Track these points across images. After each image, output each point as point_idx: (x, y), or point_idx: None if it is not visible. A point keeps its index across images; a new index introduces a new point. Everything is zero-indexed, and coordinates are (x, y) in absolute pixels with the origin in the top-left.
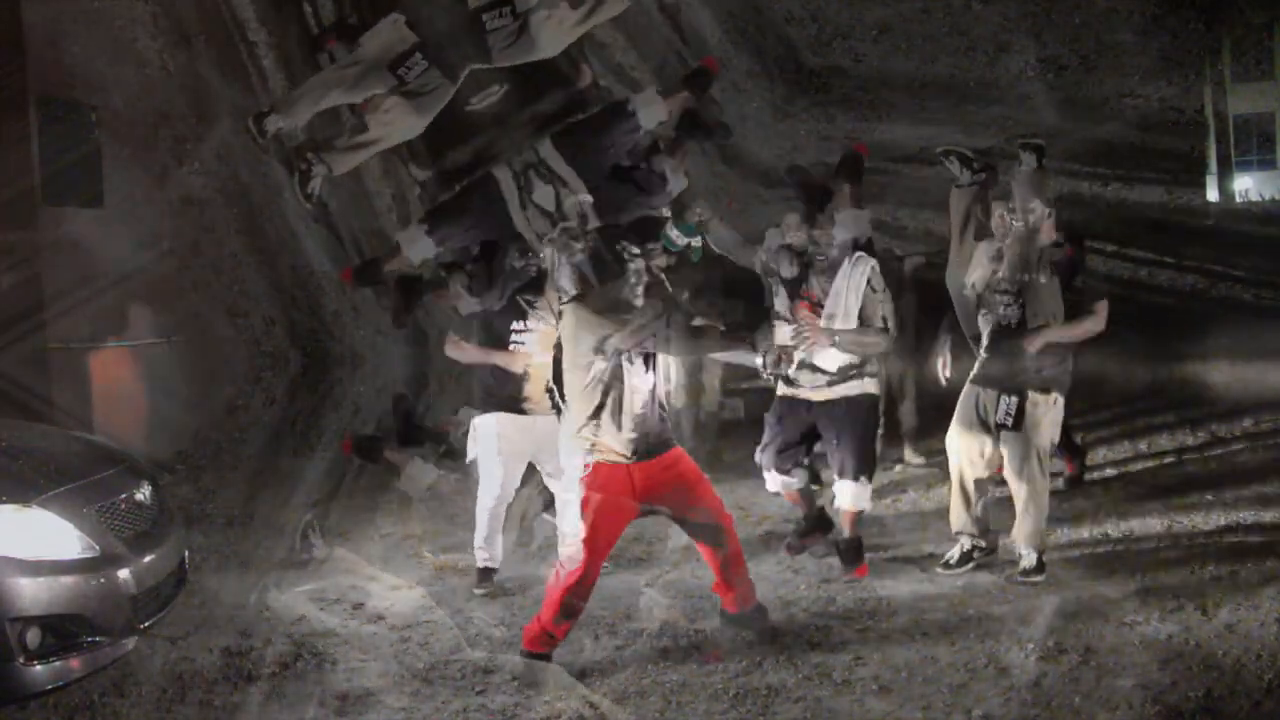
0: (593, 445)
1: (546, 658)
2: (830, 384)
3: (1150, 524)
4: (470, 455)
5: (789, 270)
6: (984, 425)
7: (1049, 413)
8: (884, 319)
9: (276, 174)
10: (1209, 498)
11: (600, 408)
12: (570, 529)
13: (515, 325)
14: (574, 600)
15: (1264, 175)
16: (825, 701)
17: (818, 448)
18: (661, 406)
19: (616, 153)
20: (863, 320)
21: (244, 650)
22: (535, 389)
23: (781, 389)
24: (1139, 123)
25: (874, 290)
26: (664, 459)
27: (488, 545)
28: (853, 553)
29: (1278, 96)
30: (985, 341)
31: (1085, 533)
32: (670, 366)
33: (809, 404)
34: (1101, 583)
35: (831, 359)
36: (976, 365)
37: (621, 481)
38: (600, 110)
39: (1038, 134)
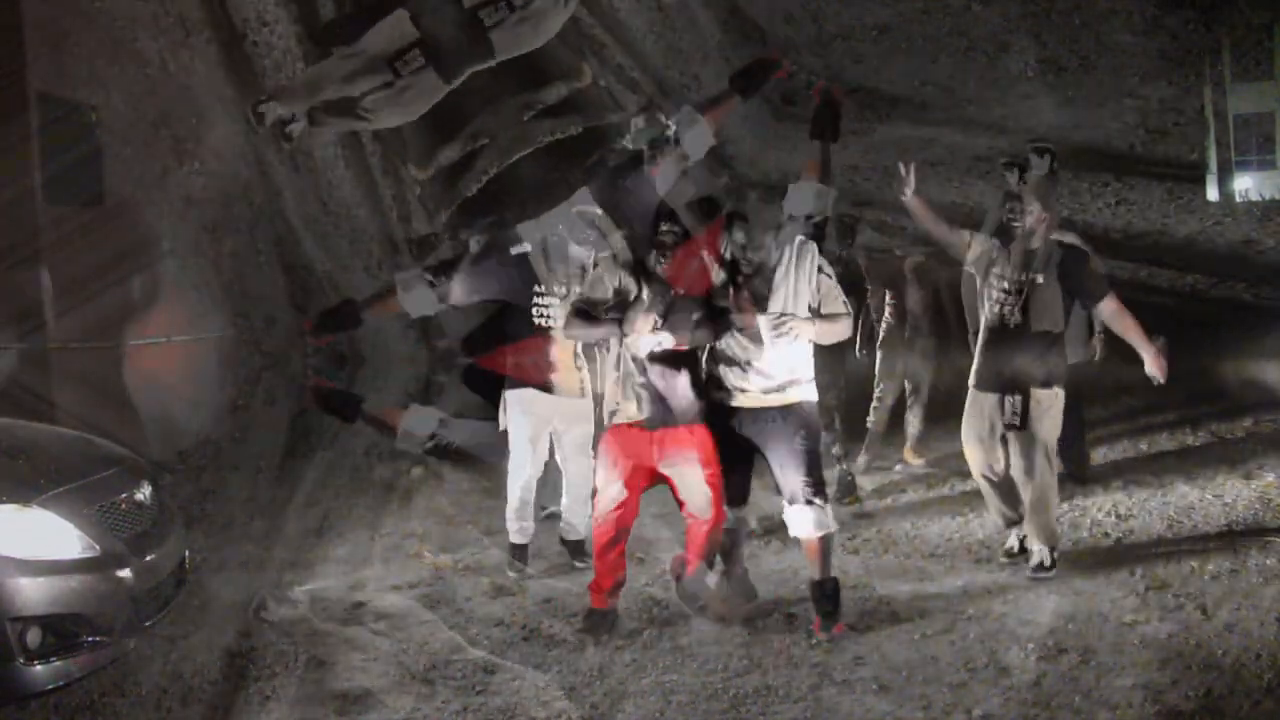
0: (615, 410)
1: (605, 614)
2: (767, 391)
3: (1150, 524)
4: (502, 425)
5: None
6: (992, 430)
7: (1052, 407)
8: (843, 302)
9: (276, 174)
10: (1209, 497)
11: (618, 371)
12: (597, 487)
13: (537, 289)
14: (606, 557)
15: (1264, 175)
16: (825, 701)
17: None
18: (687, 379)
19: (654, 191)
20: (814, 310)
21: (244, 650)
22: (563, 366)
23: (714, 394)
24: (1139, 123)
25: (827, 276)
26: (687, 431)
27: (519, 517)
28: (829, 600)
29: (1278, 96)
30: (981, 341)
31: (1085, 532)
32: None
33: (742, 413)
34: (1101, 583)
35: (779, 361)
36: (975, 369)
37: (641, 445)
38: (638, 153)
39: (1047, 138)
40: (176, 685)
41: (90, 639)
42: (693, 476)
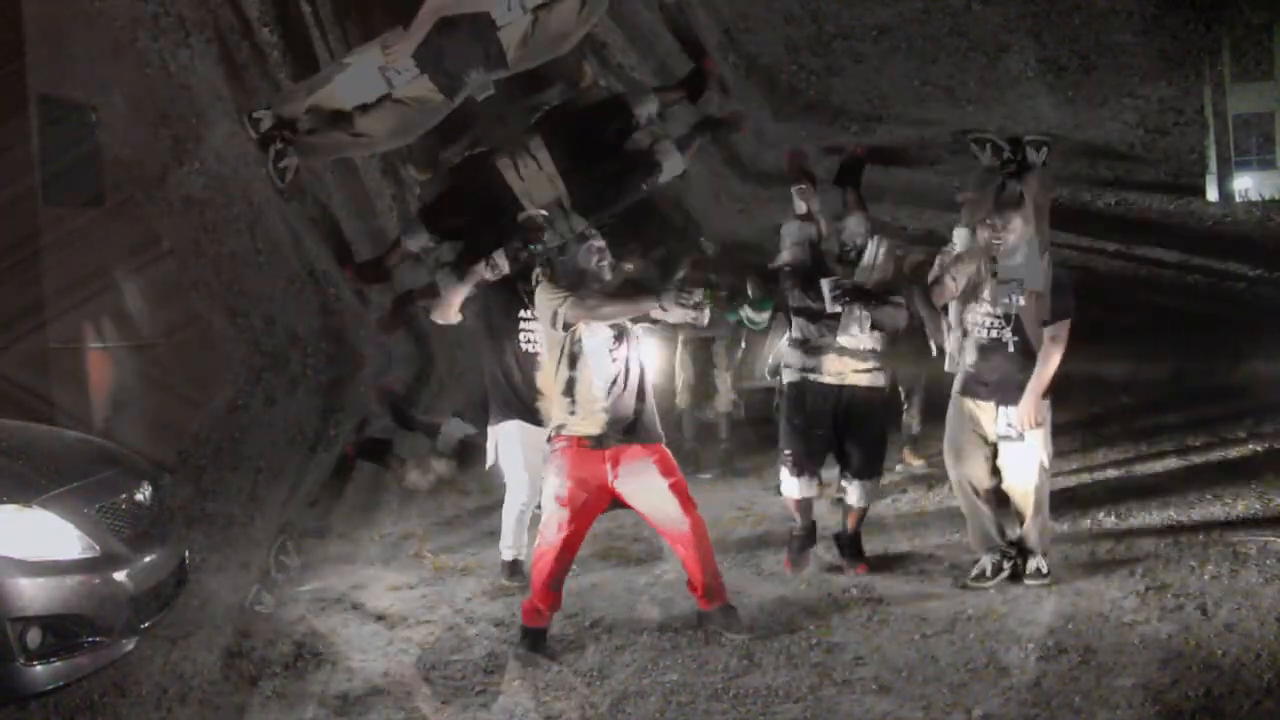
0: (564, 424)
1: (541, 634)
2: (855, 370)
3: (1150, 524)
4: (490, 460)
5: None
6: (983, 438)
7: (1046, 417)
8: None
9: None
10: (1209, 497)
11: (570, 386)
12: (547, 507)
13: (522, 314)
14: (552, 580)
15: (1264, 175)
16: (825, 701)
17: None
18: (641, 395)
19: (603, 143)
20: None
21: (244, 650)
22: (549, 393)
23: (797, 375)
24: (1139, 123)
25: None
26: (644, 449)
27: (515, 545)
28: (857, 548)
29: (1278, 97)
30: (973, 354)
31: (1085, 533)
32: (677, 364)
33: (835, 389)
34: (1101, 583)
35: (862, 340)
36: (962, 377)
37: (595, 464)
38: (592, 107)
39: (1044, 133)
40: (176, 685)
41: (90, 639)
42: (654, 488)
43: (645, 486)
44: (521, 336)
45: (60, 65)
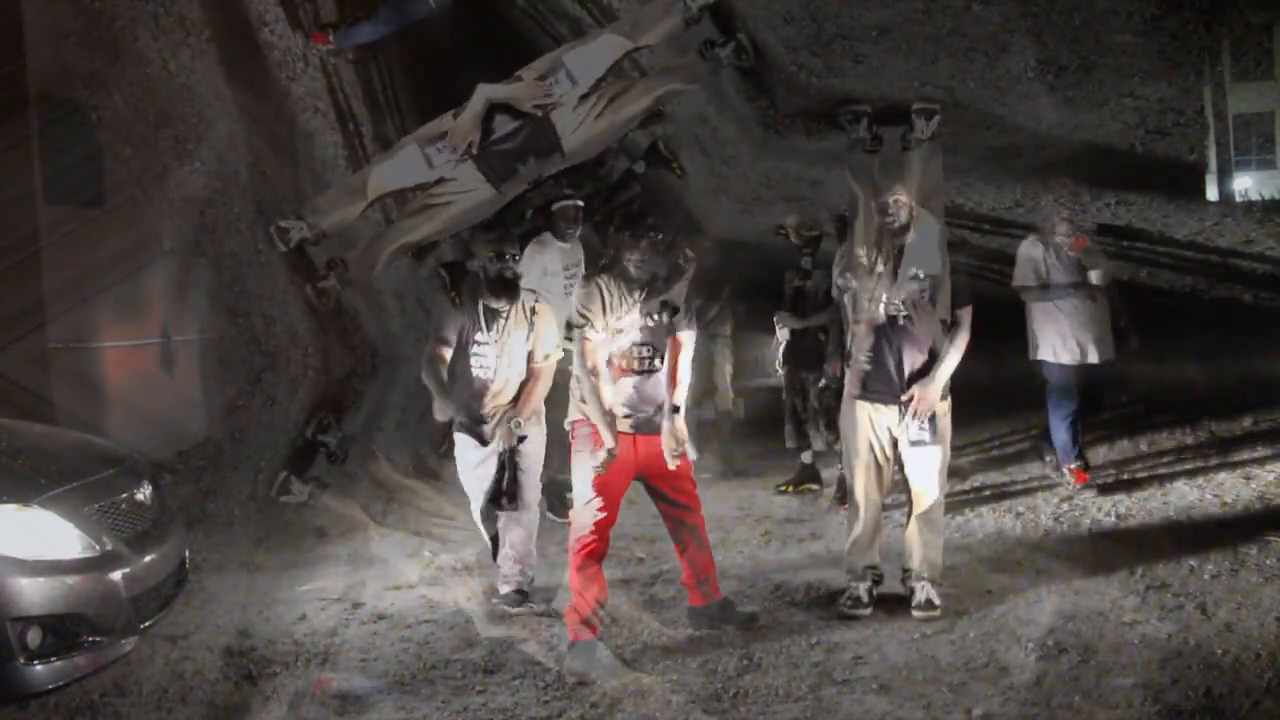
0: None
1: (592, 648)
2: None
3: (1150, 524)
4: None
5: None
6: (882, 445)
7: (947, 416)
8: None
9: (277, 174)
10: (1209, 497)
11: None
12: (580, 495)
13: (478, 337)
14: (589, 571)
15: (1264, 175)
16: (825, 701)
17: None
18: (663, 382)
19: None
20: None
21: (244, 650)
22: (495, 413)
23: None
24: (1139, 123)
25: None
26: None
27: (513, 572)
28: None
29: (1278, 96)
30: (867, 352)
31: (1085, 533)
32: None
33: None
34: (1101, 583)
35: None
36: (859, 379)
37: (625, 448)
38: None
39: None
40: (176, 685)
41: (90, 639)
42: (673, 473)
43: (664, 471)
44: (472, 355)
45: (60, 65)
